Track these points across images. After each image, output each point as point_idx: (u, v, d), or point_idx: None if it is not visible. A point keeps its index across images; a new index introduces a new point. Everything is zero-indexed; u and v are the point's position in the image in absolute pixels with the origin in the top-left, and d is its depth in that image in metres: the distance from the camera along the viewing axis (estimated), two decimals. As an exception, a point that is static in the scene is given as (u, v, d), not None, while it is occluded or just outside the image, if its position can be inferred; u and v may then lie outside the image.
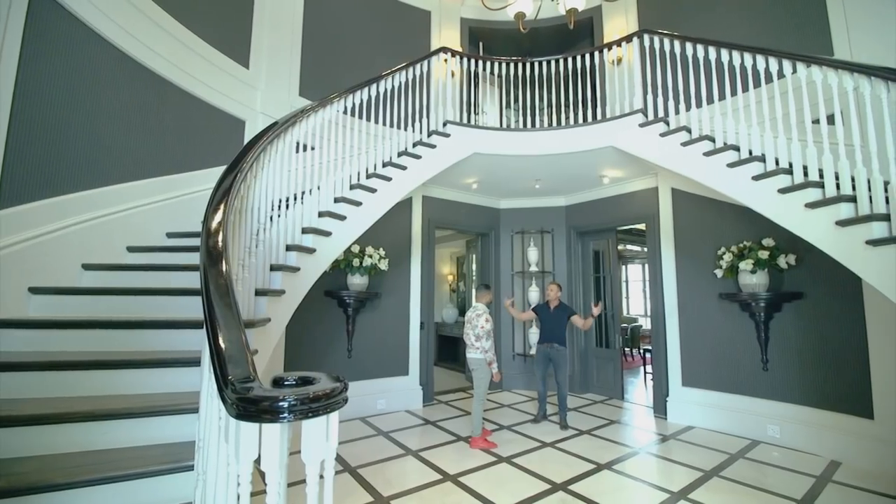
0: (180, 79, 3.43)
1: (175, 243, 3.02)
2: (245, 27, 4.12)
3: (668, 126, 3.64)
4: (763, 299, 3.75)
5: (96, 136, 2.80)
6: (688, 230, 4.54)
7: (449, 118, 4.19)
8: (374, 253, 4.51)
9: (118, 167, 2.94)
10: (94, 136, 2.78)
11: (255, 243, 2.40)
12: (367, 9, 5.16)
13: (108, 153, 2.87)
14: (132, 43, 3.04)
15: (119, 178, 2.94)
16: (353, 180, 3.46)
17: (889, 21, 3.20)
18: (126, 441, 1.55)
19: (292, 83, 4.41)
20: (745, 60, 3.13)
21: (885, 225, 2.26)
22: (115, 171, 2.92)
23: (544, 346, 4.38)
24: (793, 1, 3.86)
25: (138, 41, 3.08)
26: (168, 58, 3.32)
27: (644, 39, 3.92)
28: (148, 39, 3.16)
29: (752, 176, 2.95)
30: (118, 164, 2.94)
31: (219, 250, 1.51)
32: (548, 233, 5.93)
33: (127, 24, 2.99)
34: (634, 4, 5.08)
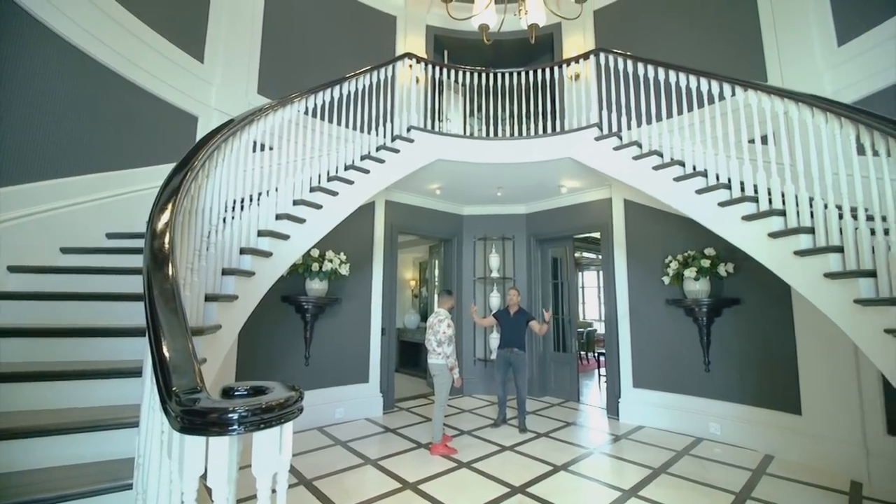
0: (127, 70, 3.21)
1: (116, 244, 2.81)
2: (201, 19, 3.93)
3: (621, 140, 3.83)
4: (705, 305, 4.01)
5: (30, 127, 2.56)
6: (639, 239, 4.79)
7: (413, 124, 4.19)
8: (335, 257, 4.41)
9: (55, 161, 2.71)
10: (28, 127, 2.55)
11: (206, 246, 2.28)
12: (332, 10, 5.08)
13: (43, 146, 2.64)
14: (74, 29, 2.82)
15: (55, 173, 2.70)
16: (313, 182, 3.37)
17: (814, 52, 3.56)
18: (58, 459, 1.41)
19: (251, 80, 4.25)
20: (691, 82, 3.38)
21: (810, 237, 2.50)
22: (51, 165, 2.68)
23: (504, 350, 4.45)
24: (731, 30, 4.20)
25: (81, 28, 2.86)
26: (114, 47, 3.10)
27: (600, 57, 4.12)
28: (92, 27, 2.94)
29: (695, 190, 3.17)
30: (55, 158, 2.71)
31: (165, 253, 1.43)
32: (509, 240, 6.05)
33: (68, 9, 2.77)
34: (592, 24, 5.34)
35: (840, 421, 3.27)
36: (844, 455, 3.19)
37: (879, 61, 3.13)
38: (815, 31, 3.57)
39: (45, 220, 2.59)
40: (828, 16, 3.52)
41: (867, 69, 3.20)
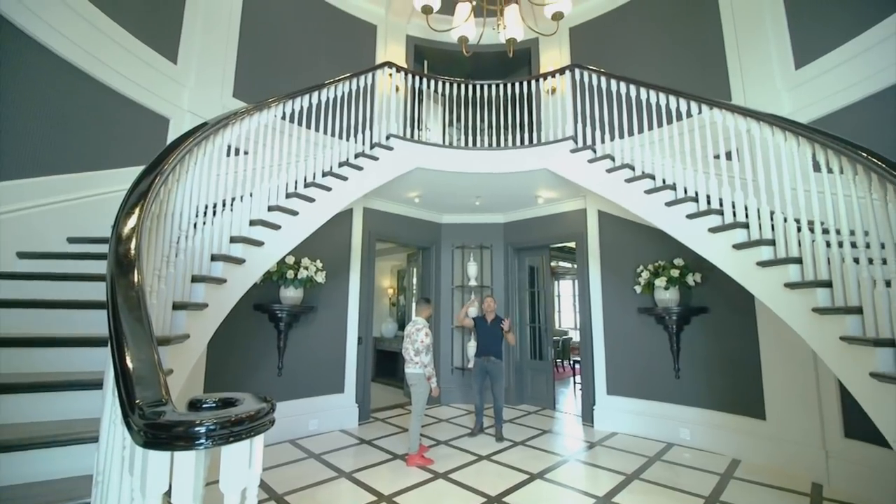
0: (93, 67, 3.09)
1: (78, 249, 2.67)
2: (175, 19, 3.84)
3: (595, 153, 3.95)
4: (675, 313, 4.14)
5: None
6: (612, 249, 4.92)
7: (392, 132, 4.20)
8: (311, 265, 4.34)
9: (12, 161, 2.57)
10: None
11: (175, 252, 2.20)
12: (312, 15, 5.05)
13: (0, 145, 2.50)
14: (34, 21, 2.70)
15: (12, 174, 2.56)
16: (289, 188, 3.32)
17: (774, 74, 3.78)
18: (9, 478, 1.32)
19: (226, 83, 4.16)
20: (661, 99, 3.52)
21: (771, 249, 2.62)
22: (8, 165, 2.54)
23: (481, 359, 4.45)
24: (698, 51, 4.42)
25: (42, 20, 2.74)
26: (79, 43, 2.98)
27: (575, 73, 4.25)
28: (54, 20, 2.82)
29: (665, 202, 3.28)
30: (12, 159, 2.57)
31: (130, 258, 1.37)
32: (487, 248, 6.10)
33: (33, 4, 2.66)
34: (567, 40, 5.51)
35: (801, 425, 3.41)
36: (806, 457, 3.33)
37: (833, 84, 3.35)
38: (775, 55, 3.79)
39: (1, 222, 2.44)
40: (786, 41, 3.74)
41: (822, 91, 3.42)
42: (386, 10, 5.63)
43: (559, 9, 2.47)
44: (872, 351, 1.93)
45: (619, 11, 5.21)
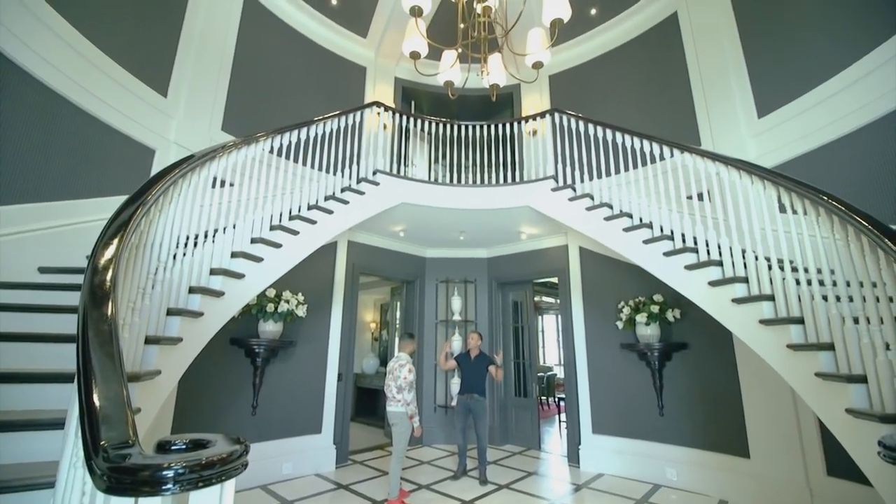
0: (78, 96, 3.09)
1: (49, 280, 2.58)
2: (168, 54, 3.92)
3: (575, 192, 4.09)
4: (656, 349, 4.18)
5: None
6: (594, 285, 4.99)
7: (379, 167, 4.28)
8: (292, 298, 4.25)
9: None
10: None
11: (152, 284, 2.14)
12: (304, 55, 5.24)
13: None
14: (19, 47, 2.71)
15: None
16: (274, 221, 3.31)
17: (739, 122, 4.05)
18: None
19: (215, 117, 4.22)
20: (635, 143, 3.72)
21: (745, 286, 2.71)
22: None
23: (465, 396, 4.35)
24: (669, 99, 4.72)
25: (28, 47, 2.75)
26: (65, 71, 3.00)
27: (555, 117, 4.47)
28: (41, 48, 2.84)
29: (642, 240, 3.39)
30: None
31: (105, 290, 1.33)
32: (471, 282, 6.11)
33: (14, 25, 2.68)
34: (547, 86, 5.83)
35: (784, 463, 3.40)
36: (790, 496, 3.30)
37: (793, 132, 3.60)
38: (739, 105, 4.08)
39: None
40: (748, 93, 4.04)
41: (785, 138, 3.67)
42: (376, 54, 5.88)
43: (539, 59, 2.63)
44: (846, 387, 1.97)
45: (594, 62, 5.58)
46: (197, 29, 4.13)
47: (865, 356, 1.93)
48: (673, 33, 4.86)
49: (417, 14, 2.30)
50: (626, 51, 5.33)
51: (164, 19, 3.88)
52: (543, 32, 2.70)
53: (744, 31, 4.16)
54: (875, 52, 3.09)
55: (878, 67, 3.05)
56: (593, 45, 5.60)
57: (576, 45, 5.69)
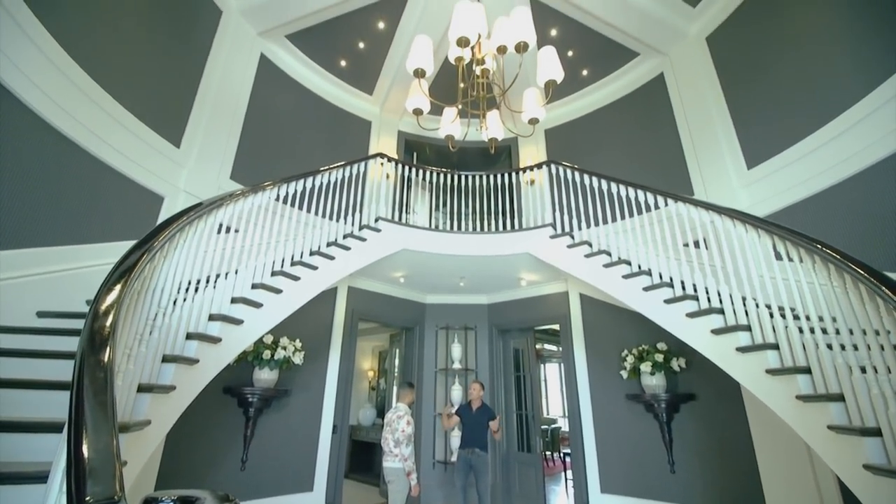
0: (97, 148, 3.23)
1: (47, 324, 2.56)
2: (184, 108, 4.12)
3: (573, 239, 4.15)
4: (663, 400, 4.04)
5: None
6: (596, 332, 4.93)
7: (381, 215, 4.38)
8: (290, 344, 4.19)
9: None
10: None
11: (150, 329, 2.13)
12: (313, 110, 5.54)
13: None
14: (38, 96, 2.83)
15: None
16: (276, 267, 3.33)
17: (729, 172, 4.20)
18: None
19: (224, 166, 4.38)
20: (630, 193, 3.84)
21: (748, 335, 2.68)
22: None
23: (465, 451, 4.15)
24: (660, 150, 4.93)
25: (48, 96, 2.88)
26: (87, 125, 3.15)
27: (551, 168, 4.65)
28: (62, 99, 2.98)
29: (642, 287, 3.40)
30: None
31: (104, 336, 1.33)
32: (471, 329, 6.03)
33: (36, 76, 2.82)
34: (543, 139, 6.11)
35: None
36: (816, 567, 3.06)
37: (783, 182, 3.72)
38: (728, 157, 4.25)
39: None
40: (736, 146, 4.23)
41: (775, 188, 3.78)
42: (380, 109, 6.21)
43: (535, 115, 2.79)
44: (861, 441, 1.90)
45: (588, 117, 5.89)
46: (213, 86, 4.40)
47: (877, 408, 1.87)
48: (660, 92, 5.16)
49: (420, 75, 2.46)
50: (617, 107, 5.64)
51: (184, 77, 4.14)
52: (538, 92, 2.88)
53: (727, 90, 4.43)
54: (856, 106, 3.24)
55: (860, 120, 3.19)
56: (586, 102, 5.93)
57: (569, 102, 6.03)
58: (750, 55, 4.23)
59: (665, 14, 4.74)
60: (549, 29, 5.06)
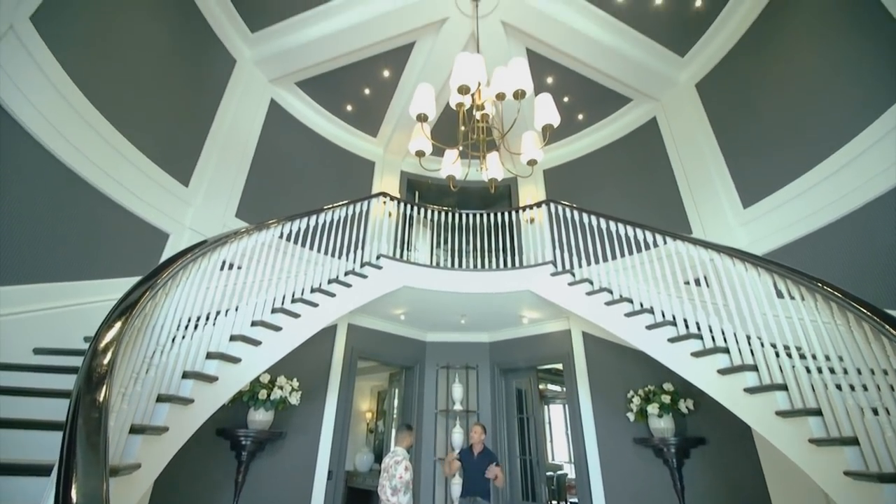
0: (106, 184, 3.30)
1: (43, 361, 2.52)
2: (195, 148, 4.26)
3: (574, 277, 4.16)
4: (672, 444, 3.89)
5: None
6: (600, 372, 4.82)
7: (383, 252, 4.41)
8: (287, 384, 4.09)
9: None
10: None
11: (147, 368, 2.10)
12: (319, 151, 5.73)
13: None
14: (49, 132, 2.90)
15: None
16: (276, 304, 3.33)
17: (725, 211, 4.27)
18: None
19: (231, 204, 4.47)
20: (628, 231, 3.88)
21: (755, 375, 2.62)
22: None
23: (467, 500, 3.95)
24: (657, 189, 5.04)
25: (60, 134, 2.97)
26: (98, 164, 3.24)
27: (551, 206, 4.73)
28: (74, 137, 3.08)
29: (645, 326, 3.36)
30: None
31: (102, 373, 1.32)
32: (472, 369, 5.90)
33: (50, 114, 2.91)
34: (542, 179, 6.26)
35: (832, 586, 2.96)
36: None
37: (780, 221, 3.77)
38: (723, 196, 4.34)
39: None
40: (730, 186, 4.33)
41: (772, 226, 3.83)
42: (384, 151, 6.43)
43: (533, 157, 2.89)
44: (881, 488, 1.82)
45: (585, 158, 6.07)
46: (224, 128, 4.58)
47: (893, 452, 1.81)
48: (654, 134, 5.35)
49: (423, 120, 2.57)
50: (613, 149, 5.82)
51: (196, 119, 4.32)
52: (536, 135, 2.99)
53: (718, 133, 4.59)
54: (852, 142, 3.29)
55: (857, 157, 3.23)
56: (582, 144, 6.14)
57: (566, 144, 6.24)
58: (739, 100, 4.42)
59: (655, 63, 5.00)
60: (545, 77, 5.32)
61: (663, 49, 4.88)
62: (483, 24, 4.49)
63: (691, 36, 4.74)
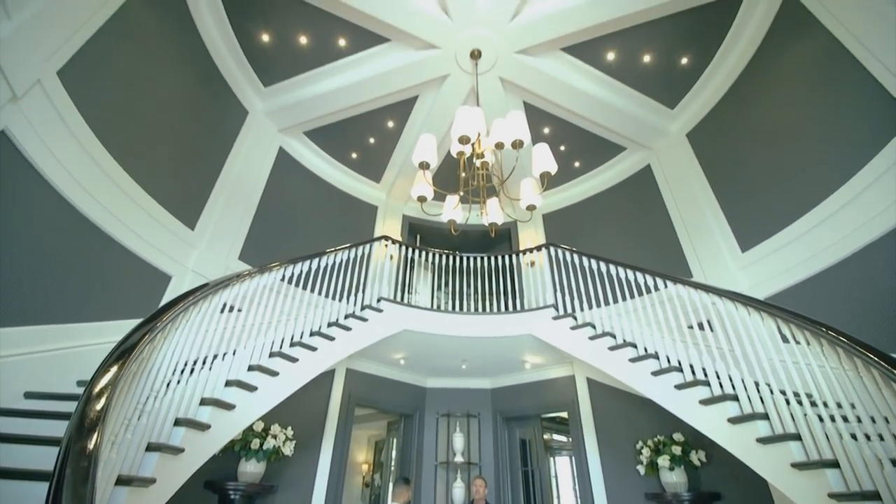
0: (114, 228, 3.36)
1: (33, 406, 2.45)
2: (204, 193, 4.37)
3: (576, 321, 4.12)
4: (686, 500, 3.67)
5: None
6: (607, 421, 4.64)
7: (384, 295, 4.40)
8: (281, 432, 3.94)
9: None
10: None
11: (139, 414, 2.04)
12: (323, 194, 5.89)
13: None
14: (67, 180, 3.00)
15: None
16: (274, 347, 3.28)
17: (724, 255, 4.30)
18: None
19: (234, 246, 4.53)
20: (628, 275, 3.89)
21: (766, 423, 2.53)
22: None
23: (469, 562, 3.68)
24: (655, 233, 5.10)
25: (70, 175, 3.04)
26: (109, 208, 3.31)
27: (550, 250, 4.78)
28: (95, 189, 3.18)
29: (651, 372, 3.29)
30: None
31: (94, 420, 1.29)
32: (474, 417, 5.69)
33: (63, 156, 2.98)
34: (542, 222, 6.37)
35: None
36: None
37: (781, 264, 3.78)
38: (721, 240, 4.39)
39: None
40: (727, 229, 4.39)
41: (772, 270, 3.84)
42: (387, 195, 6.59)
43: (532, 202, 2.97)
44: (910, 550, 1.70)
45: (583, 203, 6.21)
46: (233, 174, 4.73)
47: (919, 509, 1.71)
48: (649, 180, 5.51)
49: (425, 167, 2.68)
50: (610, 194, 5.97)
51: (206, 165, 4.47)
52: (535, 182, 3.09)
53: (712, 180, 4.73)
54: (847, 185, 3.34)
55: (855, 198, 3.27)
56: (580, 189, 6.30)
57: (564, 189, 6.41)
58: (730, 148, 4.58)
59: (646, 115, 5.24)
60: (542, 127, 5.57)
61: (654, 102, 5.14)
62: (482, 80, 4.77)
63: (679, 90, 5.01)
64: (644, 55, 4.64)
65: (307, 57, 4.76)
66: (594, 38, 4.46)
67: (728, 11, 4.23)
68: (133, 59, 3.59)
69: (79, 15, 3.03)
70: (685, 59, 4.69)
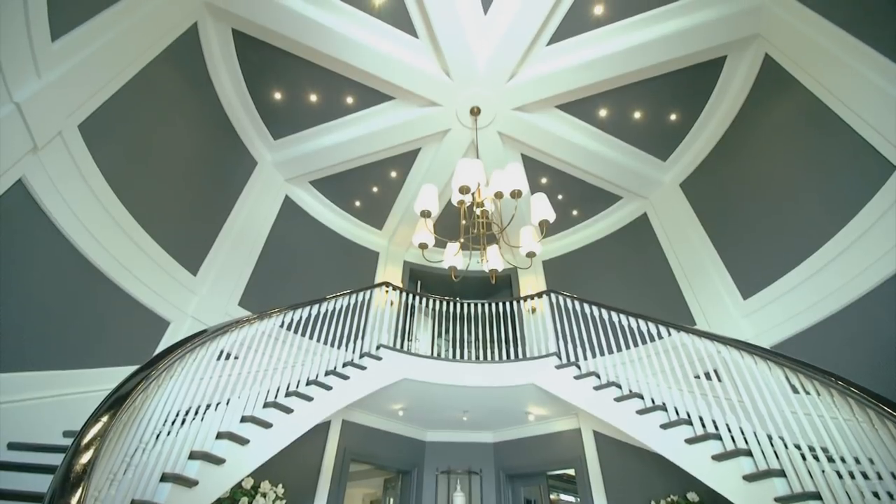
0: (119, 275, 3.38)
1: (15, 458, 2.35)
2: (208, 240, 4.43)
3: (580, 370, 4.02)
4: (706, 571, 3.39)
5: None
6: (617, 479, 4.39)
7: (383, 342, 4.34)
8: (271, 490, 3.73)
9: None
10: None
11: (126, 468, 1.95)
12: (325, 241, 5.97)
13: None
14: (78, 229, 3.06)
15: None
16: (269, 397, 3.18)
17: (726, 303, 4.27)
18: None
19: (235, 293, 4.53)
20: (631, 322, 3.85)
21: (783, 481, 2.40)
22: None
23: None
24: (656, 281, 5.11)
25: (92, 236, 3.12)
26: (116, 255, 3.35)
27: (552, 297, 4.77)
28: (103, 236, 3.24)
29: (659, 424, 3.16)
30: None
31: (80, 474, 1.25)
32: (476, 474, 5.39)
33: (73, 202, 3.05)
34: (542, 269, 6.39)
35: None
36: None
37: (783, 311, 3.74)
38: (722, 288, 4.39)
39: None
40: (727, 277, 4.40)
41: (776, 317, 3.79)
42: (388, 242, 6.68)
43: (531, 249, 3.01)
44: None
45: (582, 250, 6.27)
46: (239, 222, 4.83)
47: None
48: (646, 228, 5.60)
49: (426, 216, 2.75)
50: (608, 241, 6.05)
51: (213, 213, 4.58)
52: (534, 229, 3.16)
53: (708, 228, 4.80)
54: (837, 236, 3.39)
55: (845, 249, 3.30)
56: (579, 237, 6.39)
57: (563, 237, 6.50)
58: (723, 197, 4.69)
59: (639, 167, 5.44)
60: (539, 177, 5.75)
61: (646, 155, 5.35)
62: (482, 134, 5.01)
63: (670, 143, 5.23)
64: (635, 112, 4.90)
65: (316, 113, 5.03)
66: (586, 96, 4.73)
67: (712, 71, 4.51)
68: (151, 113, 3.80)
69: (106, 75, 3.25)
70: (674, 115, 4.94)
